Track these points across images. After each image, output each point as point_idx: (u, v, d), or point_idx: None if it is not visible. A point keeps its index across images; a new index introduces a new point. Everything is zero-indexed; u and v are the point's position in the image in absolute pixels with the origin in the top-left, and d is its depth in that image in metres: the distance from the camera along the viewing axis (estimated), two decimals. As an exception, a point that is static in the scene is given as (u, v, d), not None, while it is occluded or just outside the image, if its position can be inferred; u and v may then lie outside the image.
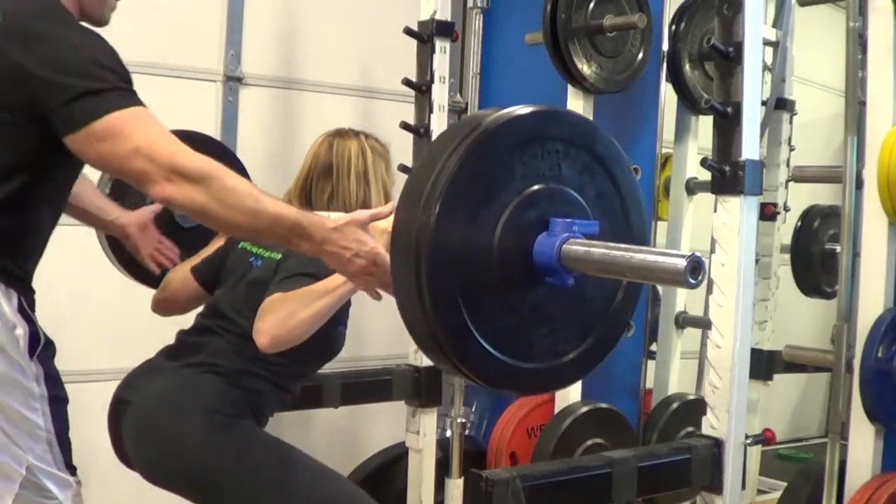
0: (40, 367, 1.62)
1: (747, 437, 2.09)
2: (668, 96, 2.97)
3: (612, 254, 1.35)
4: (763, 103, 2.93)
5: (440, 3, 2.86)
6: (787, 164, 3.33)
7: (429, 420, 2.89)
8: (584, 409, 2.70)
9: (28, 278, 1.65)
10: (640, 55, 2.77)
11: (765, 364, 3.23)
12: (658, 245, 3.02)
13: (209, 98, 3.11)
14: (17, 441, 1.59)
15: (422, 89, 2.88)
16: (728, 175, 1.99)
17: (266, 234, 1.63)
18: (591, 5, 2.67)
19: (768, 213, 3.25)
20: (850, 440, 2.42)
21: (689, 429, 2.81)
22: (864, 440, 2.38)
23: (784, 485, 3.04)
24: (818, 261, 3.48)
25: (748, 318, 2.03)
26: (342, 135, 2.19)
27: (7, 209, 1.58)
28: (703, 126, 3.01)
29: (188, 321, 2.16)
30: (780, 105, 3.29)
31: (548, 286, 1.41)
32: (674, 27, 2.97)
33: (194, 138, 1.75)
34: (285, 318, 1.80)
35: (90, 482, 1.72)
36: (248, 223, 1.55)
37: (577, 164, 1.44)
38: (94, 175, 2.05)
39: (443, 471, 2.94)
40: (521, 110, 1.39)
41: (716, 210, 2.04)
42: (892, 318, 2.35)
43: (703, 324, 3.03)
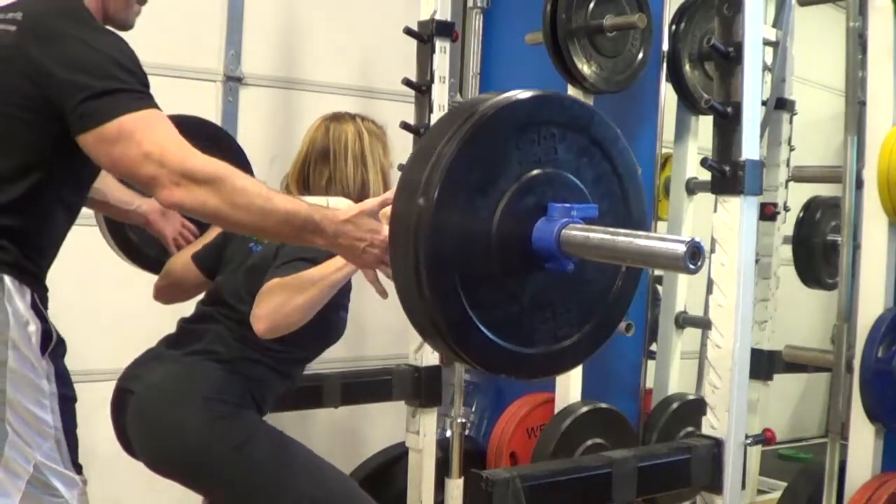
0: (51, 365, 1.62)
1: (747, 437, 2.09)
2: (668, 96, 2.96)
3: (611, 239, 1.34)
4: (763, 103, 2.94)
5: (440, 3, 2.86)
6: (787, 164, 3.34)
7: (429, 420, 2.89)
8: (584, 409, 2.69)
9: (42, 276, 1.66)
10: (640, 55, 2.77)
11: (765, 364, 3.24)
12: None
13: (209, 98, 3.12)
14: (26, 438, 1.59)
15: (422, 89, 2.88)
16: (728, 175, 1.99)
17: (277, 233, 1.61)
18: (591, 5, 2.66)
19: (768, 213, 3.26)
20: (850, 440, 2.41)
21: (689, 429, 2.81)
22: (864, 440, 2.38)
23: (784, 485, 3.04)
24: (820, 251, 3.48)
25: (748, 318, 2.02)
26: (338, 118, 2.18)
27: (23, 206, 1.58)
28: (703, 126, 3.01)
29: (189, 311, 2.16)
30: (780, 105, 3.29)
31: (547, 271, 1.40)
32: (674, 27, 2.97)
33: (187, 122, 1.74)
34: (282, 303, 1.80)
35: (90, 482, 1.71)
36: (259, 223, 1.55)
37: (574, 148, 1.43)
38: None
39: (443, 471, 2.93)
40: (516, 95, 1.38)
41: (716, 210, 2.03)
42: (893, 317, 2.35)
43: (703, 324, 3.03)
